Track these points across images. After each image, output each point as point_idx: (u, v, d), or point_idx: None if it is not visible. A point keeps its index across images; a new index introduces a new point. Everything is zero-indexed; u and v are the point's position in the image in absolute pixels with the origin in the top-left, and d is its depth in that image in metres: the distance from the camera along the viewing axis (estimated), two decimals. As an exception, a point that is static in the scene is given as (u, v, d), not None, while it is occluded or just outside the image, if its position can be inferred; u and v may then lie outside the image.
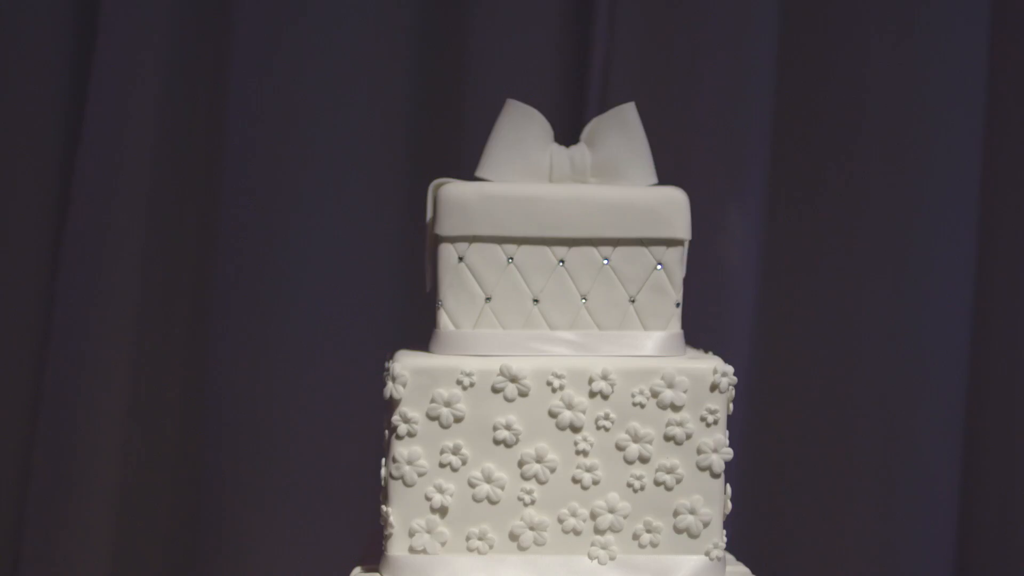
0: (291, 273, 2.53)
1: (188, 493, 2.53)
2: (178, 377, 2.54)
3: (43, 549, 2.49)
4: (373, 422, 1.82)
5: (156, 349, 2.54)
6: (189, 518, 2.53)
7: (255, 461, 2.51)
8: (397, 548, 1.70)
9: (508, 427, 1.69)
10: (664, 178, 1.78)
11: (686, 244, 1.75)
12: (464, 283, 1.74)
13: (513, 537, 1.70)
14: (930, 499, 2.54)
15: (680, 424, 1.70)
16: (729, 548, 1.77)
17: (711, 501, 1.71)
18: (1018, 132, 2.53)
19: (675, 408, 1.70)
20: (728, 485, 1.73)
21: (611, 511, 1.70)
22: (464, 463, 1.70)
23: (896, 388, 2.52)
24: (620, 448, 1.70)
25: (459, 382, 1.69)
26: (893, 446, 2.54)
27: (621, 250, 1.73)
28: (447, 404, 1.69)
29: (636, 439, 1.70)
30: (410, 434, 1.69)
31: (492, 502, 1.69)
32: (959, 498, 2.54)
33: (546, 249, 1.73)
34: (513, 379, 1.69)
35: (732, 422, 1.75)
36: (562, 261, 1.74)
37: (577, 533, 1.70)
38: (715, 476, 1.71)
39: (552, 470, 1.70)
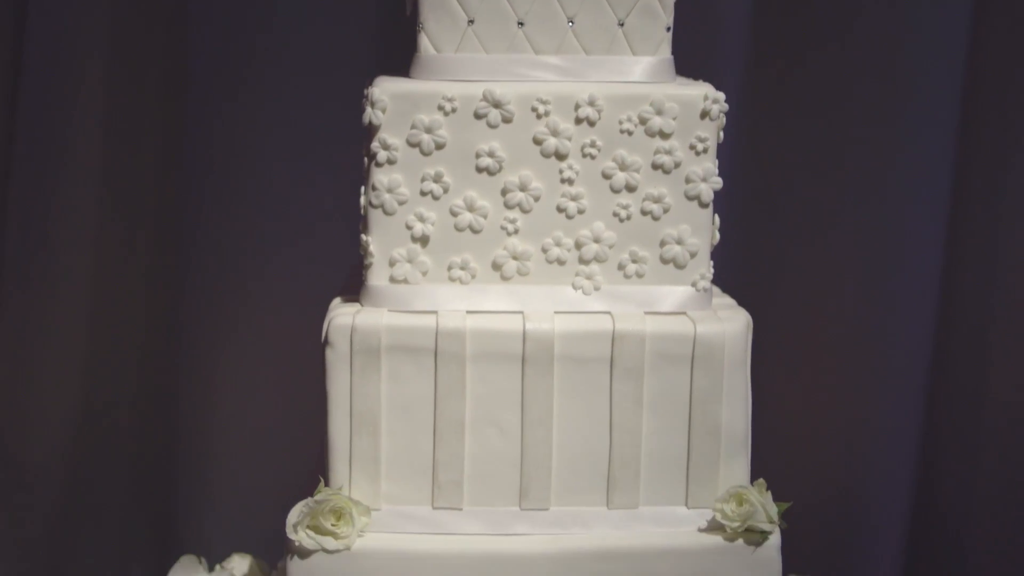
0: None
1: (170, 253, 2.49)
2: None
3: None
4: (353, 152, 1.77)
5: None
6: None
7: (232, 203, 2.46)
8: (377, 278, 1.67)
9: (491, 154, 1.64)
10: None
11: (677, -37, 1.67)
12: (446, 4, 1.66)
13: (496, 267, 1.67)
14: (917, 241, 2.51)
15: (668, 152, 1.65)
16: (716, 280, 1.75)
17: (698, 231, 1.68)
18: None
19: (664, 135, 1.65)
20: (716, 216, 1.70)
21: (596, 241, 1.66)
22: (446, 191, 1.65)
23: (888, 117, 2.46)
24: (606, 176, 1.66)
25: (440, 107, 1.64)
26: (883, 178, 2.50)
27: (610, -30, 1.66)
28: (428, 130, 1.64)
29: (623, 167, 1.65)
30: (390, 161, 1.65)
31: (474, 231, 1.66)
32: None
33: (531, -32, 1.65)
34: (496, 104, 1.63)
35: (722, 151, 1.70)
36: (548, -19, 1.66)
37: (561, 263, 1.67)
38: (703, 206, 1.67)
39: (536, 199, 1.65)
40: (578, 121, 1.65)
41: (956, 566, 2.60)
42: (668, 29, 1.69)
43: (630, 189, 1.66)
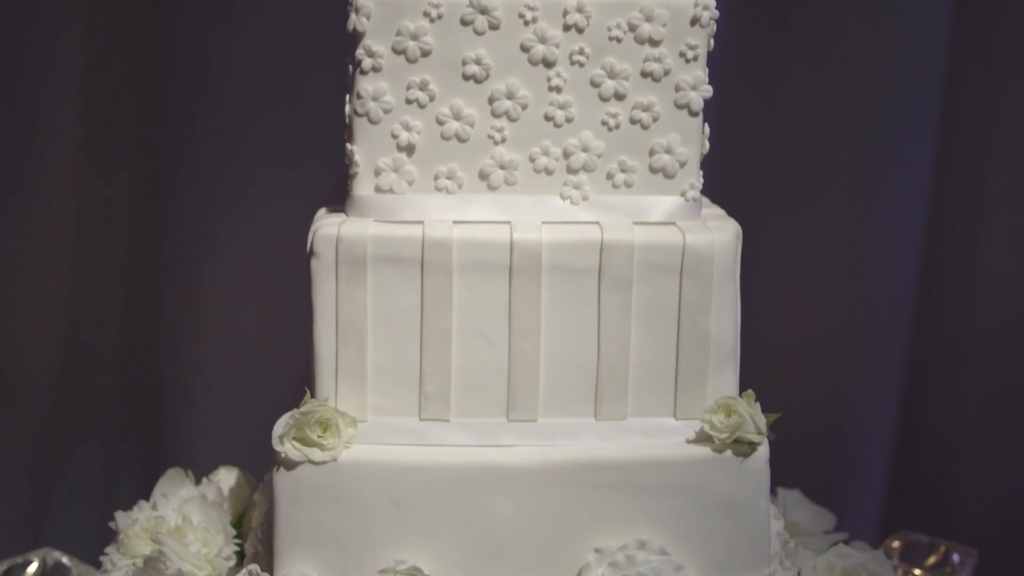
0: None
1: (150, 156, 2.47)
2: None
3: None
4: (339, 60, 1.74)
5: None
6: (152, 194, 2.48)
7: (215, 114, 2.43)
8: (363, 188, 1.65)
9: (478, 62, 1.61)
10: None
11: None
12: (431, -89, 1.63)
13: (483, 176, 1.64)
14: (905, 156, 2.49)
15: (658, 60, 1.63)
16: (705, 190, 1.73)
17: (688, 140, 1.65)
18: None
19: (653, 43, 1.62)
20: (706, 125, 1.67)
21: (585, 150, 1.64)
22: (432, 99, 1.63)
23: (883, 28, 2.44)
24: (595, 84, 1.63)
25: (426, 14, 1.61)
26: (876, 91, 2.48)
27: None
28: (414, 37, 1.61)
29: (612, 75, 1.63)
30: (375, 69, 1.62)
31: (461, 140, 1.63)
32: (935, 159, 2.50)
33: None
34: (483, 11, 1.60)
35: (712, 59, 1.67)
36: None
37: (549, 172, 1.65)
38: (693, 114, 1.65)
39: (524, 107, 1.63)
40: (566, 28, 1.62)
41: (940, 484, 2.61)
42: (657, -66, 1.65)
43: (619, 97, 1.63)
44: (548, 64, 1.62)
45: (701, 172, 1.68)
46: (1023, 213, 2.48)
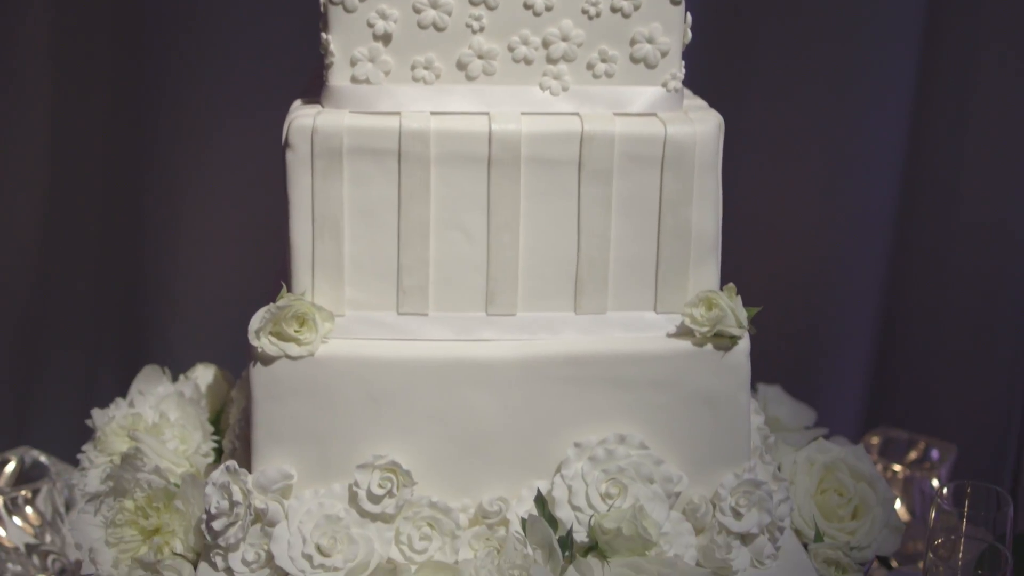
0: None
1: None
2: None
3: None
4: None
5: None
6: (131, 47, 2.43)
7: (192, 6, 2.38)
8: (338, 78, 1.61)
9: (455, -52, 1.58)
10: None
11: None
12: None
13: (461, 66, 1.61)
14: (893, 46, 2.47)
15: (640, -54, 1.59)
16: (687, 81, 1.70)
17: (670, 30, 1.62)
18: None
19: (635, -72, 1.59)
20: (688, 14, 1.64)
21: (564, 39, 1.61)
22: (408, -13, 1.59)
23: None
24: (575, -29, 1.59)
25: (402, -102, 1.57)
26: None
27: None
28: (389, -78, 1.57)
29: (592, -38, 1.59)
30: (350, -45, 1.58)
31: (438, 28, 1.60)
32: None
33: None
34: None
35: (695, -54, 1.64)
36: None
37: (528, 62, 1.61)
38: (675, 3, 1.61)
39: (502, -6, 1.59)
40: (546, -86, 1.58)
41: (920, 381, 2.61)
42: None
43: (599, -15, 1.60)
44: (527, -50, 1.59)
45: (683, 62, 1.65)
46: (1006, 117, 2.46)
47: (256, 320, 1.59)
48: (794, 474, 1.76)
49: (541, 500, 1.60)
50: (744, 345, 1.62)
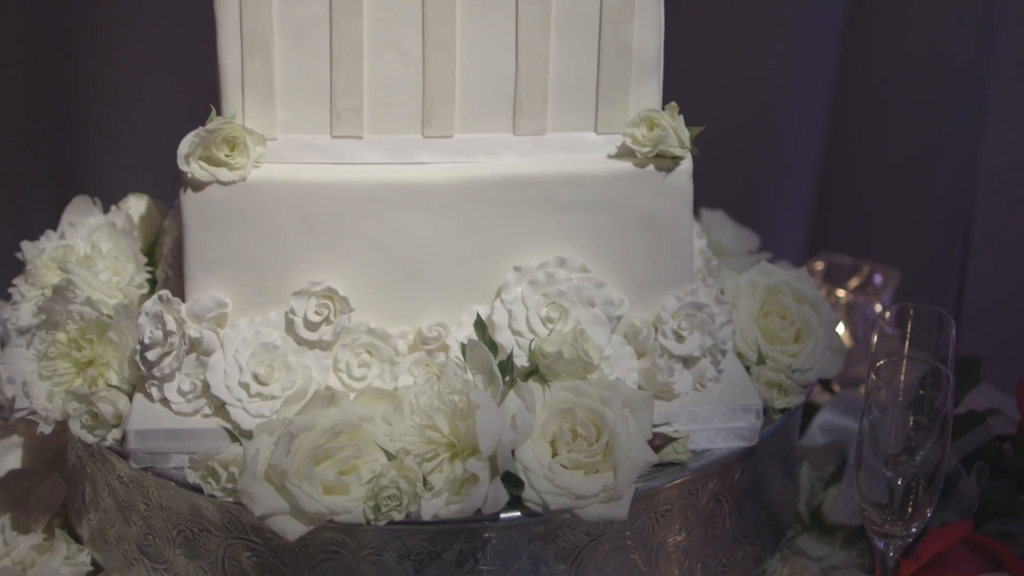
0: None
1: None
2: None
3: None
4: None
5: None
6: None
7: None
8: None
9: None
10: None
11: None
12: None
13: None
14: None
15: None
16: None
17: None
18: None
19: None
20: None
21: None
22: None
23: None
24: None
25: None
26: None
27: None
28: None
29: None
30: None
31: None
32: None
33: None
34: None
35: None
36: None
37: None
38: None
39: None
40: None
41: (863, 206, 2.60)
42: None
43: None
44: None
45: None
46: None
47: (185, 144, 1.54)
48: (736, 297, 1.75)
49: (481, 325, 1.58)
50: (686, 166, 1.59)
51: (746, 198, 2.53)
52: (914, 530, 1.59)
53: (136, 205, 1.92)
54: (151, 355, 1.56)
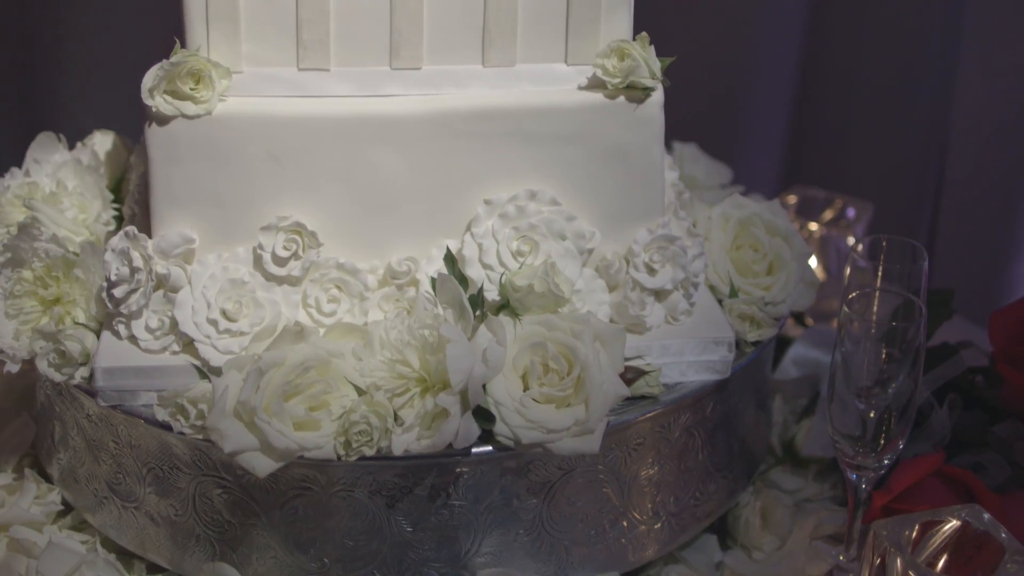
0: None
1: None
2: None
3: None
4: None
5: None
6: None
7: None
8: None
9: None
10: None
11: None
12: None
13: None
14: None
15: None
16: None
17: None
18: None
19: None
20: None
21: None
22: None
23: None
24: None
25: None
26: None
27: None
28: None
29: None
30: None
31: None
32: None
33: None
34: None
35: None
36: None
37: None
38: None
39: None
40: None
41: (837, 140, 2.59)
42: None
43: None
44: None
45: None
46: None
47: (149, 78, 1.52)
48: (709, 230, 1.73)
49: (451, 259, 1.56)
50: (657, 97, 1.57)
51: (719, 132, 2.52)
52: (886, 462, 1.59)
53: (102, 141, 1.90)
54: (118, 292, 1.55)
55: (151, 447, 1.54)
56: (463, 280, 1.55)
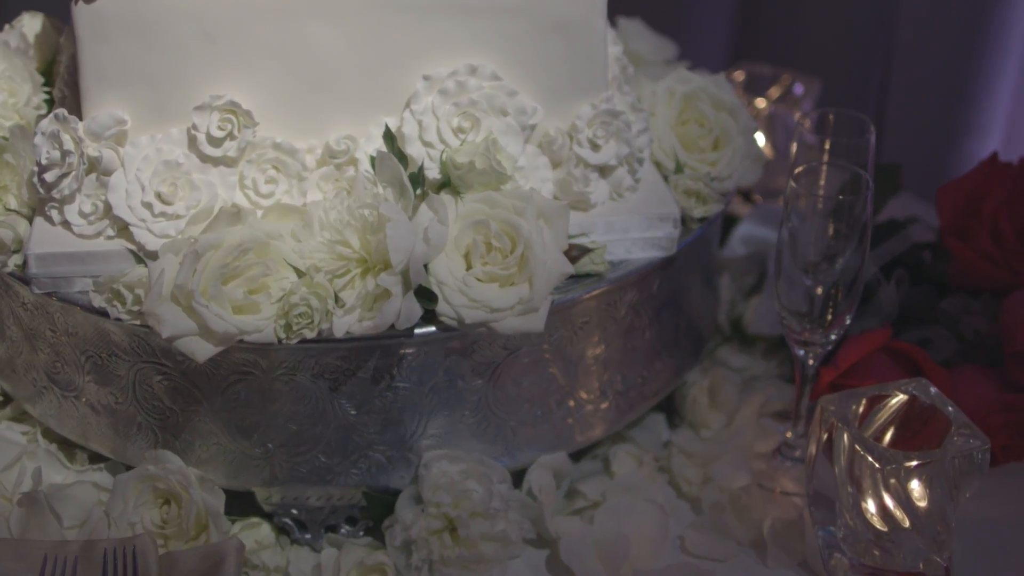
0: None
1: None
2: None
3: None
4: None
5: None
6: None
7: None
8: None
9: None
10: None
11: None
12: None
13: None
14: None
15: None
16: None
17: None
18: None
19: None
20: None
21: None
22: None
23: None
24: None
25: None
26: None
27: None
28: None
29: None
30: None
31: None
32: None
33: None
34: None
35: None
36: None
37: None
38: None
39: None
40: None
41: (784, 14, 2.55)
42: None
43: None
44: None
45: None
46: None
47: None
48: (654, 105, 1.70)
49: (390, 136, 1.53)
50: (600, -32, 1.53)
51: (665, 7, 2.47)
52: (833, 338, 1.58)
53: (31, 24, 1.83)
54: (49, 176, 1.51)
55: (89, 335, 1.51)
56: (403, 158, 1.52)
